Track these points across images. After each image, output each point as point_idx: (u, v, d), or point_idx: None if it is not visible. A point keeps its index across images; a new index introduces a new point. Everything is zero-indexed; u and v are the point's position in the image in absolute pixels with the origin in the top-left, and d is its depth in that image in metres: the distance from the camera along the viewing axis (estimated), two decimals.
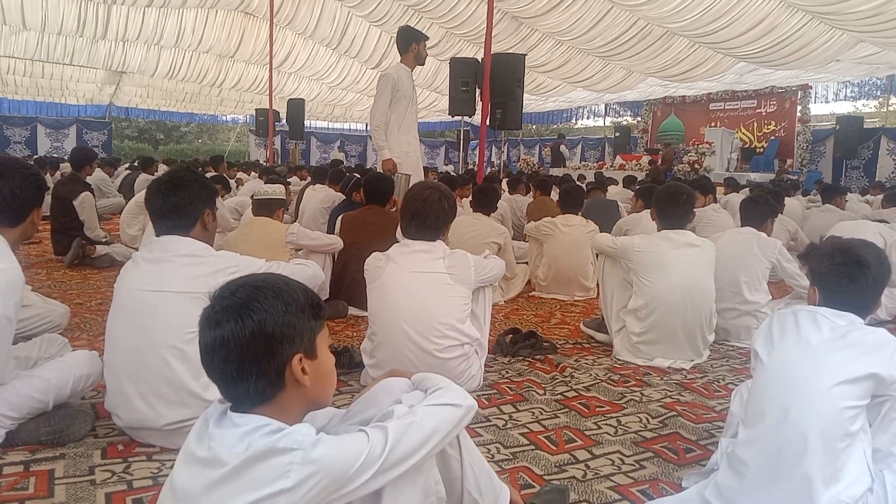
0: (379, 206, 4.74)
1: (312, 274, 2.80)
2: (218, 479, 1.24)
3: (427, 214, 2.95)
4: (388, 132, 5.70)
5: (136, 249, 3.61)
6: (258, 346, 1.29)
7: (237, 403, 1.33)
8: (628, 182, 10.53)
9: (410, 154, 5.90)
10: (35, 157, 16.94)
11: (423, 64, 5.94)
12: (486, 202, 5.36)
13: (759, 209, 4.31)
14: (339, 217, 4.86)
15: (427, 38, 5.94)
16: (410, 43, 5.78)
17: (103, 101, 25.43)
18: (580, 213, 5.52)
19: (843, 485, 1.74)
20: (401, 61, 5.84)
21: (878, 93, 17.51)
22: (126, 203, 7.70)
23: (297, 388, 1.34)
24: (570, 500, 2.10)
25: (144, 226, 6.04)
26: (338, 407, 1.77)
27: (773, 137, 17.96)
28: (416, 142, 5.99)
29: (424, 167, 6.18)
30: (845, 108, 21.82)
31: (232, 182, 9.83)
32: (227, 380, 1.31)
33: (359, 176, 5.96)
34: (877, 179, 14.85)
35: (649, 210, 4.49)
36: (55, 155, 18.26)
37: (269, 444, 1.23)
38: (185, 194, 2.36)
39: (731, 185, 10.11)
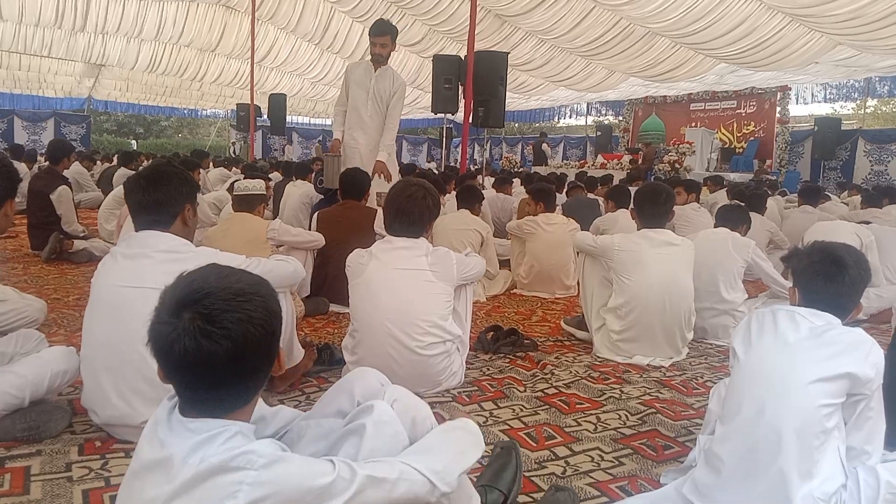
0: (355, 200, 4.73)
1: (293, 270, 2.79)
2: (169, 493, 1.20)
3: (411, 211, 2.96)
4: (346, 122, 5.74)
5: (114, 244, 3.57)
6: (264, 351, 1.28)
7: (205, 408, 1.26)
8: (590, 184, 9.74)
9: (356, 150, 5.67)
10: (7, 146, 16.59)
11: (377, 62, 5.61)
12: (470, 199, 5.40)
13: (737, 215, 4.39)
14: (316, 213, 4.84)
15: (373, 33, 5.60)
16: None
17: (82, 95, 25.06)
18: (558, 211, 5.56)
19: (818, 481, 1.76)
20: None
21: (856, 95, 17.70)
22: (104, 197, 7.62)
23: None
24: (519, 455, 2.08)
25: (120, 221, 5.98)
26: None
27: (752, 138, 18.11)
28: (364, 138, 5.67)
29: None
30: (824, 109, 22.14)
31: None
32: (222, 384, 1.25)
33: None
34: (853, 181, 15.03)
35: (626, 209, 4.54)
36: (33, 148, 17.97)
37: (222, 461, 1.19)
38: (166, 189, 2.33)
39: (717, 183, 10.09)
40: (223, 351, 1.19)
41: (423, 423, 1.68)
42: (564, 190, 8.99)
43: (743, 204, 5.01)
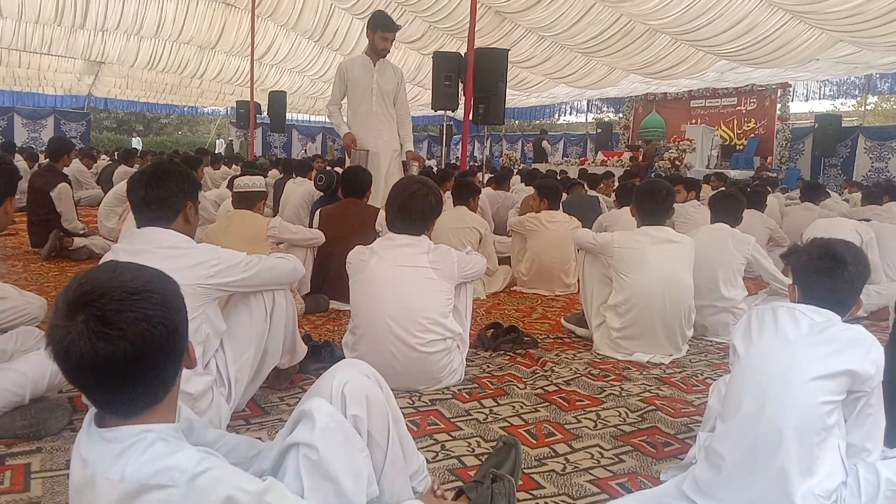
0: (357, 198, 4.73)
1: (293, 268, 2.78)
2: None
3: (413, 208, 2.96)
4: (349, 123, 5.61)
5: (115, 242, 3.57)
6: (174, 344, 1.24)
7: (116, 410, 1.23)
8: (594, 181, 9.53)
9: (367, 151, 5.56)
10: (4, 141, 16.54)
11: (382, 56, 5.52)
12: (465, 194, 5.39)
13: (733, 205, 4.35)
14: (317, 211, 4.84)
15: (387, 28, 5.47)
16: (368, 31, 5.55)
17: (82, 92, 25.01)
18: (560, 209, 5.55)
19: (818, 478, 1.76)
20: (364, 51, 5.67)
21: (857, 92, 17.67)
22: (104, 195, 7.62)
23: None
24: (520, 453, 2.07)
25: (123, 217, 5.98)
26: None
27: (752, 135, 18.10)
28: (373, 139, 5.56)
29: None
30: (824, 106, 22.06)
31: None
32: (126, 386, 1.20)
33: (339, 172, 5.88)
34: (854, 178, 15.02)
35: (628, 207, 4.51)
36: (32, 146, 17.95)
37: (143, 479, 1.16)
38: (168, 186, 2.32)
39: (721, 180, 10.02)
40: (121, 353, 1.15)
41: (377, 403, 1.65)
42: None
43: (735, 193, 4.92)
